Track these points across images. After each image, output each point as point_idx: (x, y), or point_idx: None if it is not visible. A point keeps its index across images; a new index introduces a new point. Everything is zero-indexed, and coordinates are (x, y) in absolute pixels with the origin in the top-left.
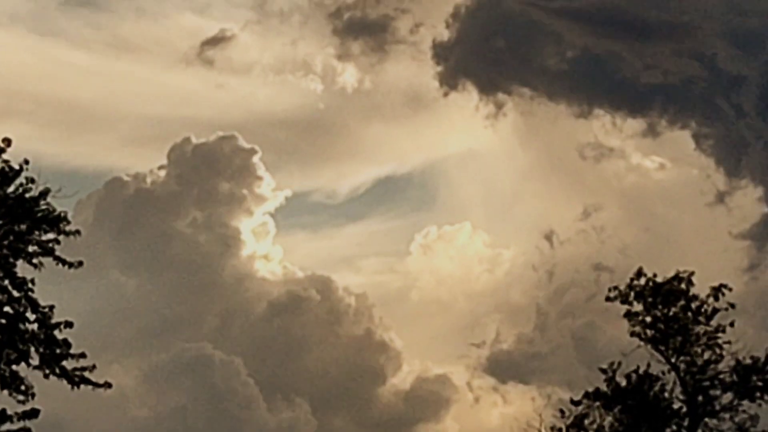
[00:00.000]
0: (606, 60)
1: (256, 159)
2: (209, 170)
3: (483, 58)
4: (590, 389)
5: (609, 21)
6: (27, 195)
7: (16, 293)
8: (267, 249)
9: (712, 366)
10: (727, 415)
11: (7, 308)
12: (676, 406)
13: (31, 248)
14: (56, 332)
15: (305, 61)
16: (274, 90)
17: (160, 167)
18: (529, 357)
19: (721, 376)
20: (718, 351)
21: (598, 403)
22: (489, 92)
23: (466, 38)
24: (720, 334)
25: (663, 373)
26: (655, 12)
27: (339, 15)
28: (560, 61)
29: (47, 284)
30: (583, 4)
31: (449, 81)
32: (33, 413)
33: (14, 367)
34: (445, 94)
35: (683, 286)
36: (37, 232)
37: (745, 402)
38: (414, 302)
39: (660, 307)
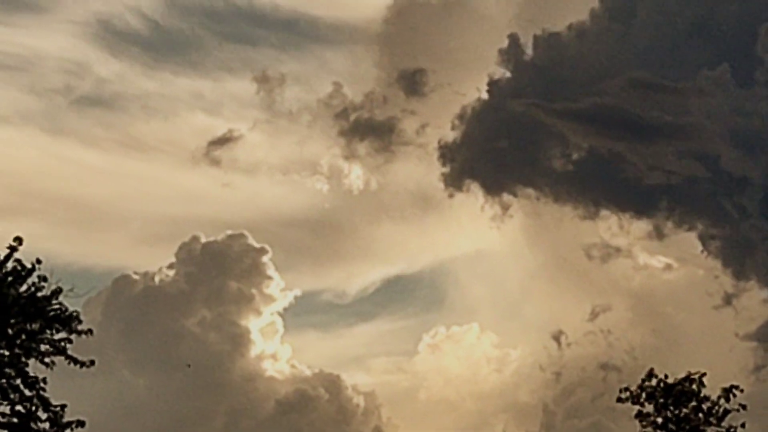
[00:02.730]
0: (610, 161)
1: (266, 258)
2: (218, 269)
3: (488, 159)
4: None
5: (612, 122)
6: (39, 294)
7: (28, 392)
8: (275, 348)
9: None
10: None
11: (19, 407)
12: None
13: (43, 347)
14: (68, 431)
15: (312, 161)
16: (281, 189)
17: (169, 266)
18: None
19: None
20: None
21: None
22: (494, 193)
23: (472, 139)
24: None
25: None
26: (657, 113)
27: (345, 116)
28: (565, 162)
29: (56, 382)
30: (586, 106)
31: (454, 182)
32: None
33: None
34: (450, 195)
35: (695, 387)
36: (49, 331)
37: None
38: (422, 402)
39: (671, 407)
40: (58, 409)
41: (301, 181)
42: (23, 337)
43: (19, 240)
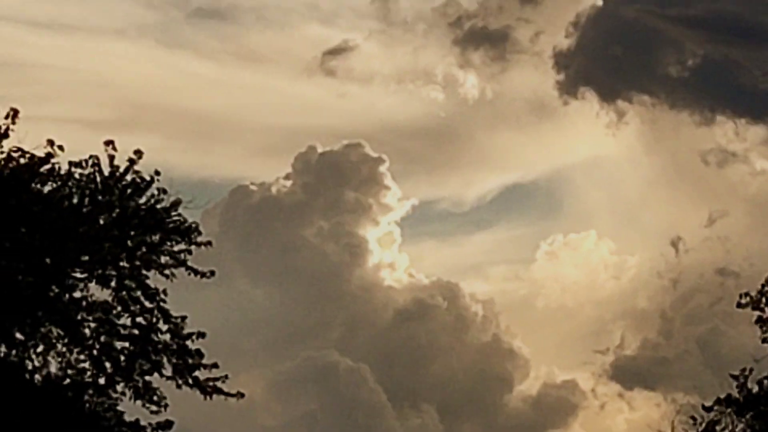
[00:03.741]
0: (725, 67)
1: (383, 168)
2: (335, 179)
3: (603, 66)
4: (718, 395)
5: (726, 27)
6: (158, 206)
7: (148, 304)
8: (393, 257)
9: None
10: None
11: (139, 319)
12: None
13: (163, 259)
14: (189, 343)
15: (426, 71)
16: (396, 99)
17: (286, 176)
18: (654, 363)
19: None
20: None
21: (729, 410)
22: (610, 100)
23: (586, 46)
24: None
25: None
26: None
27: (460, 24)
28: (681, 68)
29: (176, 294)
30: (699, 11)
31: (569, 89)
32: (167, 425)
33: (147, 377)
34: (566, 103)
35: None
36: (168, 243)
37: None
38: (540, 309)
39: None
40: (179, 320)
41: (416, 91)
42: (143, 249)
43: (138, 153)
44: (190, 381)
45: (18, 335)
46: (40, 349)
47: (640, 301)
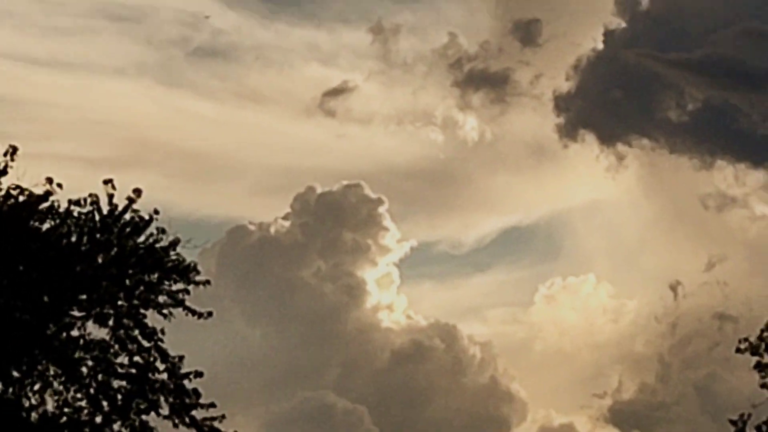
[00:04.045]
0: (725, 112)
1: (382, 209)
2: (334, 219)
3: (603, 109)
4: None
5: (727, 72)
6: (157, 245)
7: (146, 343)
8: (391, 299)
9: None
10: None
11: (137, 358)
12: None
13: (161, 298)
14: (186, 382)
15: (426, 112)
16: (396, 140)
17: (285, 216)
18: (651, 407)
19: None
20: None
21: None
22: (609, 144)
23: (587, 90)
24: None
25: None
26: None
27: (460, 66)
28: (681, 113)
29: (172, 333)
30: (700, 56)
31: (569, 133)
32: None
33: (144, 416)
34: (565, 146)
35: None
36: (167, 282)
37: None
38: (538, 352)
39: None
40: (176, 359)
41: (415, 132)
42: (141, 288)
43: (137, 192)
44: (187, 420)
45: (15, 373)
46: (37, 387)
47: (638, 346)
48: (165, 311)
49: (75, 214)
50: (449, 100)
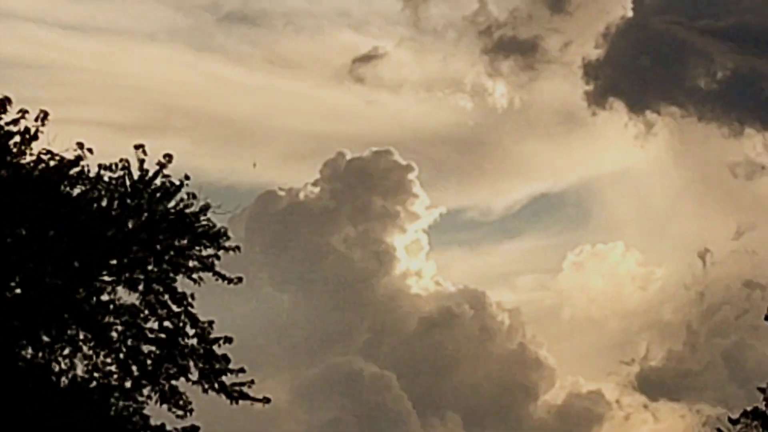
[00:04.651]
0: (754, 79)
1: (412, 176)
2: (363, 186)
3: (632, 77)
4: (743, 407)
5: (755, 40)
6: (187, 210)
7: (176, 308)
8: (420, 265)
9: None
10: None
11: (167, 323)
12: None
13: (191, 263)
14: (215, 347)
15: (455, 79)
16: (425, 107)
17: (314, 182)
18: (679, 375)
19: None
20: None
21: (756, 423)
22: (638, 111)
23: (616, 57)
24: None
25: None
26: None
27: (489, 33)
28: (710, 80)
29: (203, 299)
30: (729, 24)
31: (598, 100)
32: (193, 430)
33: (173, 382)
34: (594, 114)
35: None
36: (197, 248)
37: None
38: (566, 319)
39: None
40: (206, 325)
41: (444, 99)
42: (171, 253)
43: (168, 157)
44: (217, 386)
45: (45, 338)
46: (66, 351)
47: (666, 313)
48: (195, 276)
49: (105, 179)
50: (479, 67)
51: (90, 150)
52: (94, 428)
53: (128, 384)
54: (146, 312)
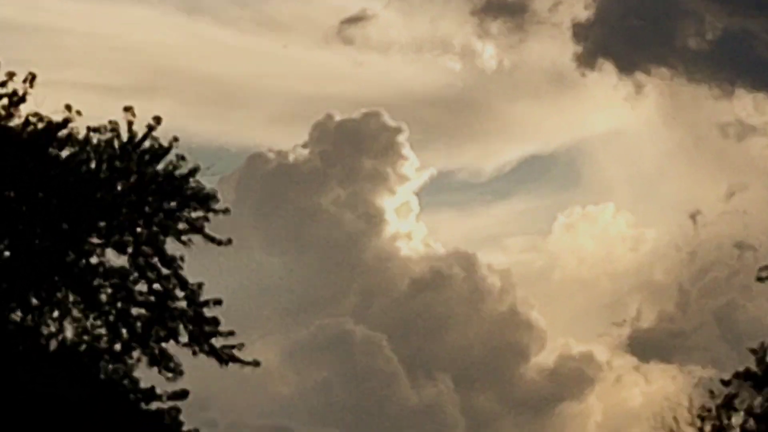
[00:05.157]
0: (745, 40)
1: (401, 138)
2: (352, 147)
3: (621, 37)
4: (735, 368)
5: (746, 0)
6: (176, 173)
7: (165, 271)
8: (410, 227)
9: None
10: None
11: (156, 286)
12: None
13: (180, 225)
14: (205, 310)
15: (444, 40)
16: (414, 68)
17: (303, 144)
18: (670, 336)
19: None
20: None
21: (748, 383)
22: (628, 72)
23: (605, 18)
24: None
25: None
26: None
27: None
28: (700, 41)
29: (192, 261)
30: None
31: (587, 61)
32: (183, 394)
33: (163, 344)
34: (583, 75)
35: None
36: (186, 210)
37: None
38: (556, 281)
39: None
40: (195, 287)
41: (433, 60)
42: (160, 215)
43: (157, 119)
44: (207, 348)
45: (34, 300)
46: (56, 314)
47: (657, 274)
48: (184, 239)
49: (94, 141)
50: (468, 28)
51: (78, 112)
52: (85, 391)
53: (118, 347)
54: (135, 274)
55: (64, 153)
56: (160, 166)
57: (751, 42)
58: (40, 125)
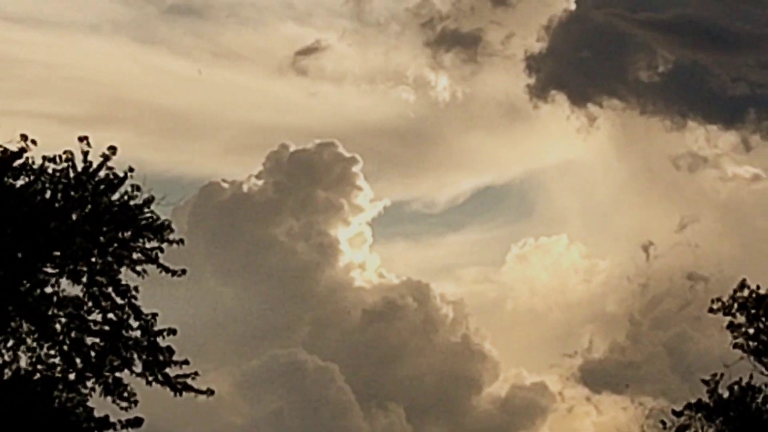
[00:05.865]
0: (696, 72)
1: (356, 168)
2: (307, 178)
3: (574, 69)
4: (686, 399)
5: (696, 33)
6: (131, 203)
7: (119, 300)
8: (364, 258)
9: None
10: None
11: (110, 315)
12: None
13: (135, 255)
14: (159, 339)
15: (398, 72)
16: (368, 99)
17: (258, 174)
18: (622, 367)
19: None
20: None
21: (700, 415)
22: (580, 104)
23: (558, 50)
24: None
25: (765, 385)
26: (741, 23)
27: (432, 26)
28: (652, 73)
29: (146, 291)
30: (670, 16)
31: (540, 93)
32: (137, 422)
33: (117, 374)
34: (536, 107)
35: None
36: (141, 240)
37: None
38: (509, 312)
39: (763, 319)
40: (149, 317)
41: (387, 92)
42: (115, 245)
43: (112, 149)
44: (161, 378)
45: None
46: (10, 343)
47: (609, 305)
48: (139, 268)
49: (49, 170)
50: (421, 60)
51: (34, 141)
52: (38, 420)
53: (72, 376)
54: (90, 304)
55: (19, 182)
56: (115, 196)
57: (702, 75)
58: None
